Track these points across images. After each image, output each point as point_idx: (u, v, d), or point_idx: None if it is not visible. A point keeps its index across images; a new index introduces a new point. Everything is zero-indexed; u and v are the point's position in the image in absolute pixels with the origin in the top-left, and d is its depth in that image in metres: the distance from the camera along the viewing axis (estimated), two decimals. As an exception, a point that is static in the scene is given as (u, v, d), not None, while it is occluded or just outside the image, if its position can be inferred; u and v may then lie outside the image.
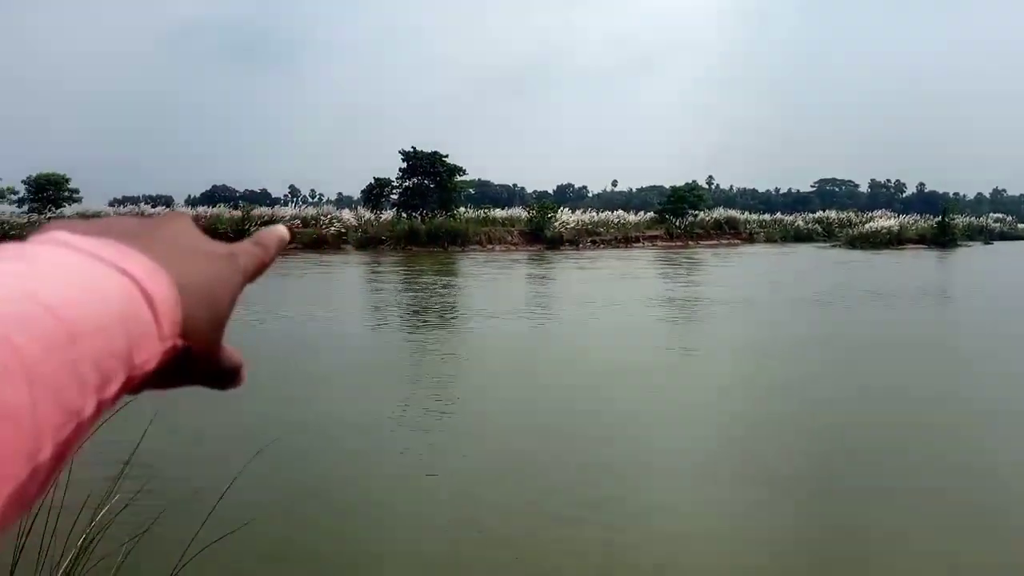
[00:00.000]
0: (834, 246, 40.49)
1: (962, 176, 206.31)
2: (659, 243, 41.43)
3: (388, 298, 15.95)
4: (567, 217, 41.47)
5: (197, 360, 0.35)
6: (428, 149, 41.77)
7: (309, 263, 26.56)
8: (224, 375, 0.38)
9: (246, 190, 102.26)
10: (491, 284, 19.22)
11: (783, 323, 12.25)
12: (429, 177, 41.07)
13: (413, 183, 41.20)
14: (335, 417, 6.38)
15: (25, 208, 38.87)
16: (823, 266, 25.83)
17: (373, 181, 42.83)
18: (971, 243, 44.21)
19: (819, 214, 55.51)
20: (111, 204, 45.05)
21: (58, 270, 0.28)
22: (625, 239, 40.96)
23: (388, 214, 40.93)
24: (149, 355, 0.30)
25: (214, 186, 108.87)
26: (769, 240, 47.14)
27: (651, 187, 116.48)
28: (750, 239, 46.51)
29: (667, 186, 51.13)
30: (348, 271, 24.31)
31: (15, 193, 39.25)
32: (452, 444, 5.62)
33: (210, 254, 0.37)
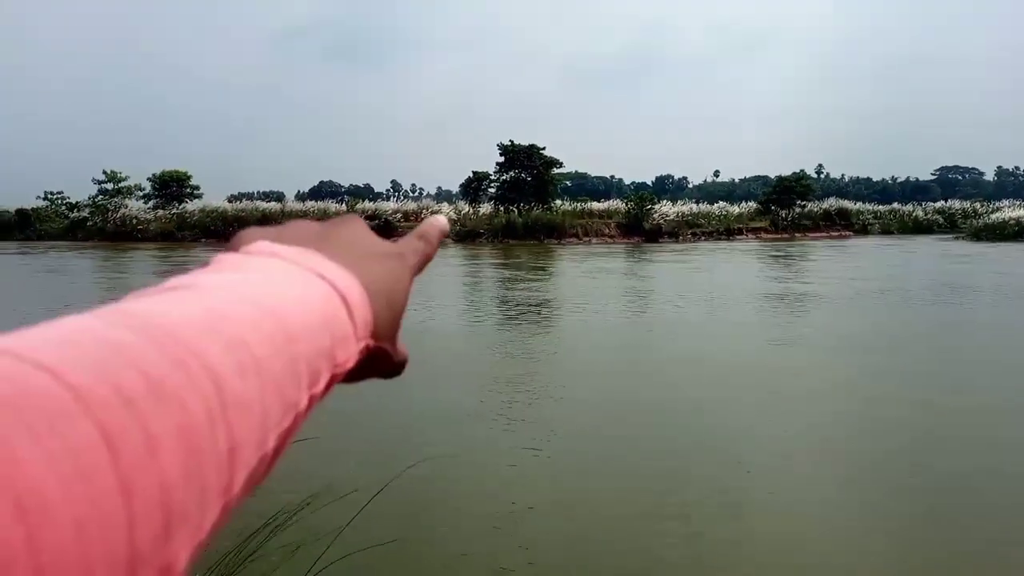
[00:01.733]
0: (956, 238, 37.75)
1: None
2: (763, 235, 39.98)
3: (492, 292, 16.10)
4: (666, 209, 40.68)
5: (381, 357, 0.38)
6: (525, 142, 41.94)
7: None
8: (398, 368, 0.41)
9: (351, 185, 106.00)
10: (588, 277, 19.06)
11: (898, 322, 11.52)
12: (526, 170, 41.21)
13: (510, 176, 41.45)
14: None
15: (151, 204, 41.68)
16: (945, 260, 24.16)
17: (471, 175, 43.42)
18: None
19: (940, 204, 52.03)
20: (229, 200, 47.59)
21: (272, 278, 0.31)
22: (727, 231, 39.75)
23: (486, 207, 41.39)
24: (348, 354, 0.33)
25: (321, 182, 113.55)
26: (885, 231, 44.58)
27: (755, 177, 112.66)
28: (863, 231, 44.15)
29: (772, 176, 49.27)
30: (449, 265, 24.75)
31: (141, 190, 42.18)
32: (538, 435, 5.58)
33: (384, 255, 0.39)
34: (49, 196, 40.88)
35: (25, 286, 17.31)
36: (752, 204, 45.95)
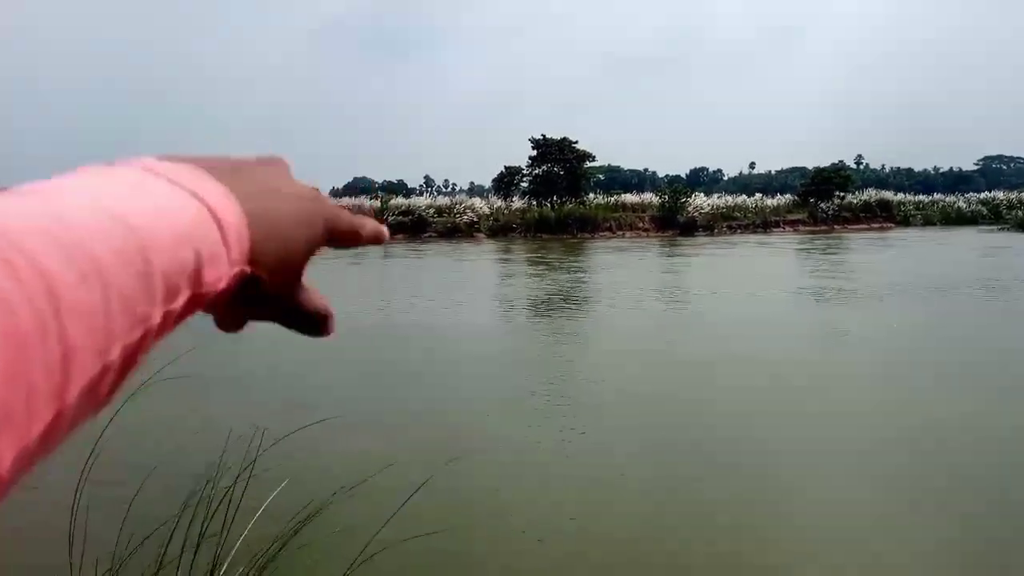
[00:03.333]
0: (1001, 229, 36.66)
1: None
2: (801, 228, 39.31)
3: (527, 286, 16.06)
4: (701, 201, 40.19)
5: (271, 290, 0.36)
6: (558, 135, 41.77)
7: (443, 251, 27.32)
8: (306, 318, 0.40)
9: (384, 180, 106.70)
10: (621, 272, 18.89)
11: (937, 319, 11.19)
12: (559, 164, 41.07)
13: (543, 170, 41.34)
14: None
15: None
16: (990, 253, 23.45)
17: (504, 170, 43.38)
18: None
19: (984, 194, 50.58)
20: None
21: (135, 189, 0.30)
22: (764, 224, 39.15)
23: (519, 202, 41.33)
24: (218, 275, 0.32)
25: (355, 177, 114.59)
26: (927, 223, 43.49)
27: (792, 169, 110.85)
28: (905, 222, 43.14)
29: (810, 167, 48.39)
30: (482, 259, 24.73)
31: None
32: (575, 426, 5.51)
33: (292, 195, 0.38)
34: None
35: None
36: (789, 196, 45.19)
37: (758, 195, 44.72)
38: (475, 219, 37.31)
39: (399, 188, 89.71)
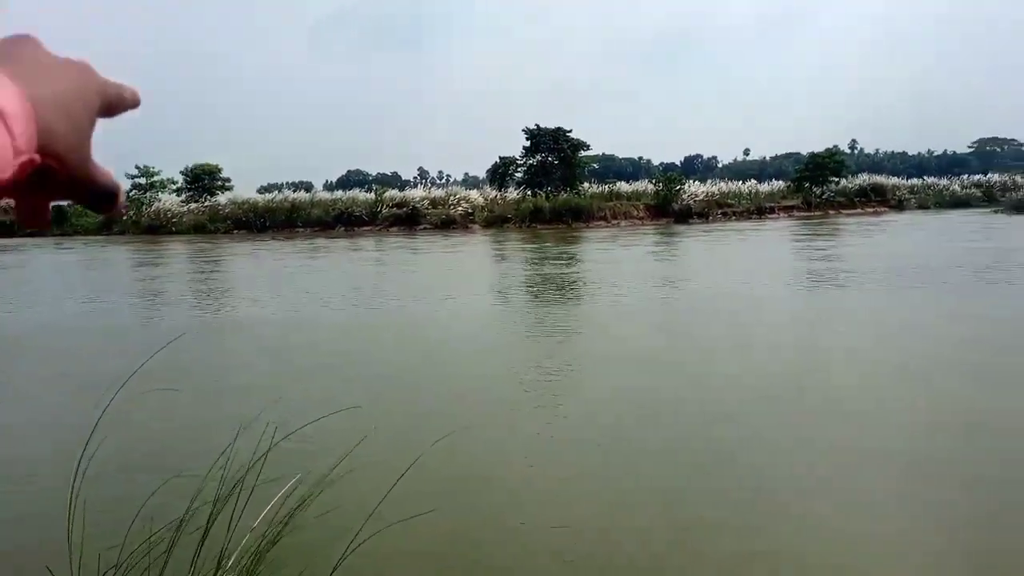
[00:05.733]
0: (995, 211, 36.78)
1: None
2: (795, 213, 39.38)
3: (524, 276, 16.07)
4: (695, 189, 40.21)
5: (62, 174, 0.36)
6: (552, 126, 41.67)
7: (438, 241, 27.29)
8: (97, 194, 0.40)
9: (378, 173, 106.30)
10: (615, 261, 18.92)
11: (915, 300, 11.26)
12: (553, 154, 41.02)
13: (537, 160, 41.30)
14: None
15: (183, 197, 42.24)
16: (979, 233, 23.53)
17: (498, 160, 43.32)
18: None
19: (978, 177, 50.68)
20: (259, 191, 48.07)
21: None
22: (758, 210, 39.21)
23: (514, 192, 41.28)
24: (3, 165, 0.32)
25: (349, 171, 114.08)
26: (921, 207, 43.60)
27: (786, 154, 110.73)
28: (899, 206, 43.25)
29: (804, 153, 48.41)
30: (478, 249, 24.73)
31: (174, 183, 42.79)
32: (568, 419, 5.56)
33: (62, 71, 0.38)
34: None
35: (80, 277, 17.66)
36: (783, 182, 45.22)
37: (752, 181, 44.74)
38: (470, 210, 37.24)
39: (393, 181, 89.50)
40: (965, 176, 51.85)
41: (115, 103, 0.42)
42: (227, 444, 2.65)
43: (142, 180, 41.17)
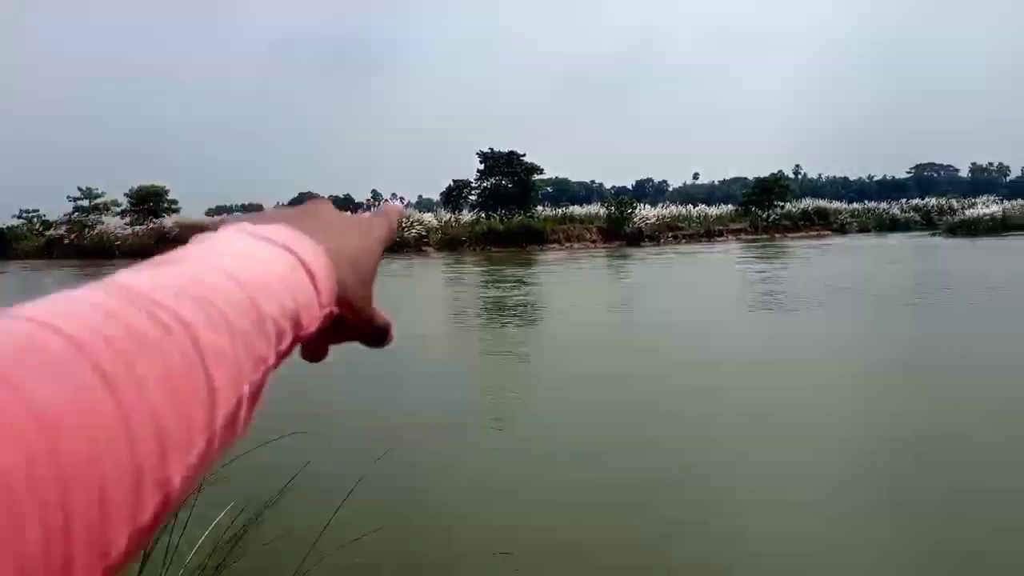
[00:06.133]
0: (933, 234, 38.28)
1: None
2: (743, 236, 40.33)
3: (475, 297, 16.06)
4: (646, 212, 40.90)
5: (352, 321, 0.42)
6: (506, 149, 42.05)
7: (392, 266, 27.11)
8: (377, 334, 0.45)
9: (331, 195, 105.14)
10: (568, 283, 19.08)
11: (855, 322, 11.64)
12: (507, 177, 41.33)
13: (491, 183, 41.54)
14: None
15: (128, 220, 41.07)
16: (914, 255, 24.45)
17: (452, 183, 43.43)
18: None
19: (916, 201, 52.70)
20: (207, 213, 47.26)
21: (241, 251, 0.35)
22: (707, 233, 40.06)
23: (468, 215, 41.39)
24: (312, 319, 0.37)
25: (300, 193, 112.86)
26: (863, 230, 45.09)
27: (734, 179, 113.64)
28: (842, 230, 44.65)
29: (751, 177, 49.75)
30: (432, 272, 24.66)
31: (118, 205, 41.68)
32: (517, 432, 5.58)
33: (352, 228, 0.44)
34: (24, 214, 40.42)
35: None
36: (731, 206, 46.35)
37: (702, 205, 45.77)
38: (424, 233, 37.19)
39: (346, 203, 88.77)
40: (904, 200, 53.87)
41: (390, 239, 0.48)
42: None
43: (85, 202, 40.08)
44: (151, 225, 39.45)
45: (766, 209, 42.92)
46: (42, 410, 0.21)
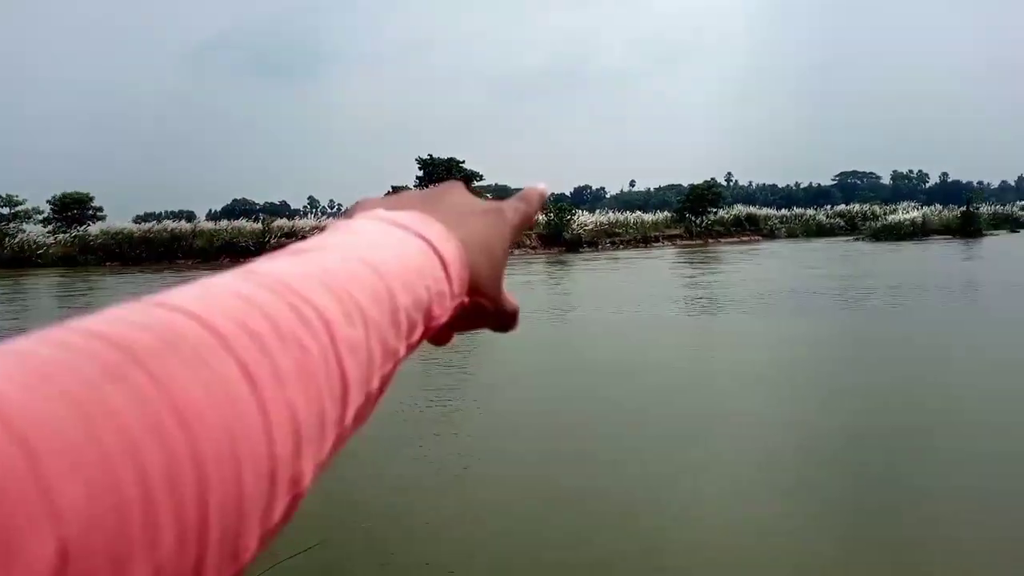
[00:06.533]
0: (857, 239, 39.88)
1: (986, 164, 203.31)
2: (679, 242, 41.22)
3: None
4: (585, 219, 41.40)
5: (482, 309, 0.41)
6: (445, 156, 41.97)
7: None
8: (507, 319, 0.44)
9: (266, 203, 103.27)
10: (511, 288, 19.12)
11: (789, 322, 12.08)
12: (446, 184, 41.18)
13: (430, 190, 41.34)
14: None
15: (50, 228, 39.32)
16: (836, 260, 25.48)
17: (391, 189, 42.98)
18: (997, 232, 43.24)
19: (841, 207, 54.72)
20: (135, 221, 45.60)
21: (377, 239, 0.35)
22: (644, 239, 40.80)
23: (407, 222, 41.07)
24: (443, 309, 0.36)
25: (234, 200, 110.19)
26: (790, 236, 46.60)
27: (669, 186, 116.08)
28: (771, 235, 46.03)
29: (685, 184, 50.96)
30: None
31: (40, 213, 39.82)
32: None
33: (483, 212, 0.43)
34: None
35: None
36: (666, 213, 47.34)
37: (638, 212, 46.63)
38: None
39: (281, 210, 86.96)
40: (829, 207, 55.89)
41: (524, 223, 0.47)
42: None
43: (5, 210, 38.10)
44: (75, 233, 37.88)
45: (700, 215, 43.97)
46: (185, 407, 0.21)
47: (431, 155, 42.03)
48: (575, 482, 4.85)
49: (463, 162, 42.03)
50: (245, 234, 36.81)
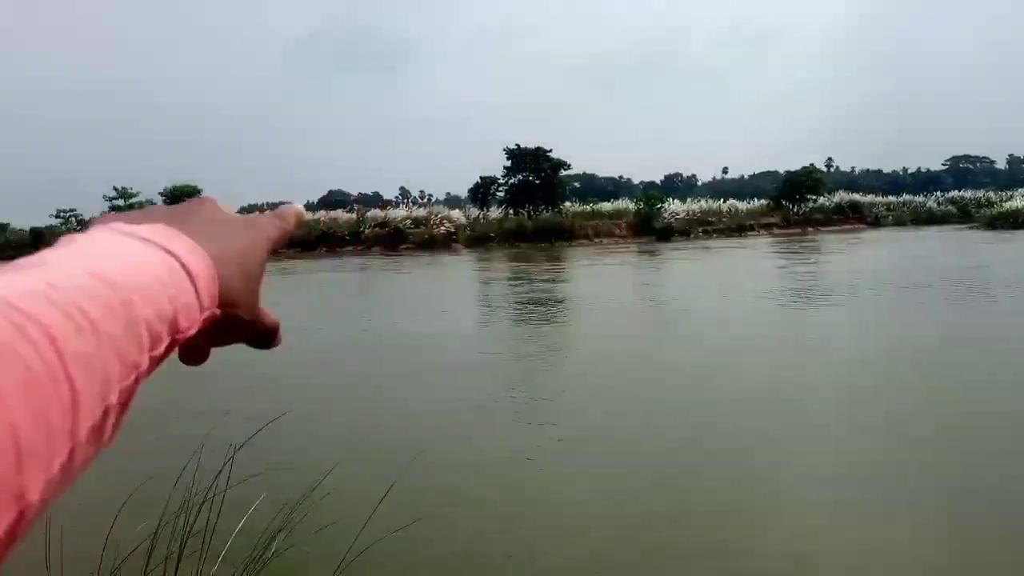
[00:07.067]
0: (971, 228, 37.37)
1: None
2: (775, 231, 39.78)
3: (513, 294, 16.01)
4: (676, 207, 40.56)
5: (236, 322, 0.41)
6: (533, 145, 41.94)
7: (423, 262, 27.23)
8: (264, 335, 0.44)
9: (359, 193, 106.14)
10: (598, 279, 18.94)
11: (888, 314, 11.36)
12: (534, 173, 41.21)
13: (518, 180, 41.46)
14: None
15: (163, 220, 41.95)
16: (951, 248, 23.88)
17: (479, 180, 43.41)
18: None
19: (953, 194, 51.49)
20: (239, 212, 47.69)
21: (112, 250, 0.34)
22: (739, 227, 39.58)
23: (496, 211, 41.39)
24: (191, 322, 0.36)
25: (330, 191, 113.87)
26: (898, 223, 44.19)
27: (764, 173, 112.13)
28: (876, 223, 43.81)
29: (782, 171, 49.04)
30: (462, 269, 24.67)
31: (153, 205, 42.51)
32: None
33: (237, 228, 0.43)
34: (61, 214, 41.23)
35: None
36: (762, 201, 45.75)
37: (732, 200, 45.20)
38: (452, 230, 37.25)
39: (375, 200, 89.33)
40: (939, 193, 52.65)
41: (282, 239, 0.47)
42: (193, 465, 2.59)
43: (120, 202, 40.75)
44: (184, 225, 40.18)
45: (798, 203, 42.27)
46: None
47: (518, 145, 42.07)
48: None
49: (550, 151, 41.92)
50: (340, 224, 38.04)
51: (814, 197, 42.94)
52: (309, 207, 66.21)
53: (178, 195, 42.69)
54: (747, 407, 6.23)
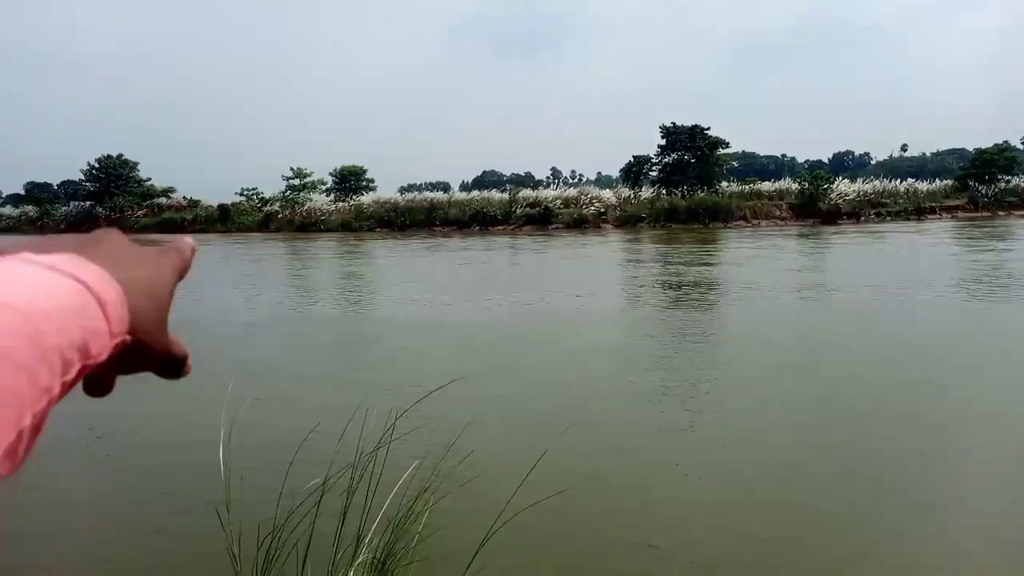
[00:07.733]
0: None
1: None
2: (959, 214, 36.13)
3: (664, 278, 15.78)
4: (845, 188, 37.86)
5: (146, 350, 0.41)
6: (688, 123, 40.62)
7: (571, 242, 27.30)
8: (172, 364, 0.44)
9: (512, 174, 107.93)
10: (759, 264, 18.12)
11: None
12: (689, 152, 39.95)
13: (673, 159, 40.37)
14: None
15: (331, 197, 45.05)
16: None
17: (632, 159, 42.72)
18: None
19: None
20: (399, 191, 50.24)
21: (24, 280, 0.34)
22: (917, 210, 36.30)
23: (647, 191, 40.62)
24: (101, 348, 0.36)
25: (484, 171, 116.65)
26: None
27: (950, 151, 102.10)
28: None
29: (970, 149, 44.41)
30: (609, 251, 24.51)
31: (324, 184, 45.68)
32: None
33: (143, 256, 0.43)
34: (245, 192, 45.18)
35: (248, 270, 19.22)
36: (947, 181, 41.61)
37: (911, 180, 41.39)
38: (602, 209, 37.03)
39: (527, 180, 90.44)
40: None
41: (184, 270, 0.47)
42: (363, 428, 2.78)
43: (296, 181, 44.04)
44: (351, 202, 42.93)
45: (988, 184, 38.04)
46: None
47: (674, 123, 40.90)
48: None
49: (708, 129, 40.37)
50: (494, 204, 38.99)
51: (1007, 177, 38.47)
52: (464, 187, 68.16)
53: (346, 175, 45.64)
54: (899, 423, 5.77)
